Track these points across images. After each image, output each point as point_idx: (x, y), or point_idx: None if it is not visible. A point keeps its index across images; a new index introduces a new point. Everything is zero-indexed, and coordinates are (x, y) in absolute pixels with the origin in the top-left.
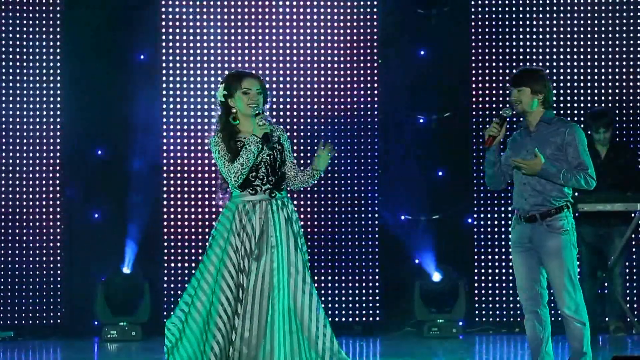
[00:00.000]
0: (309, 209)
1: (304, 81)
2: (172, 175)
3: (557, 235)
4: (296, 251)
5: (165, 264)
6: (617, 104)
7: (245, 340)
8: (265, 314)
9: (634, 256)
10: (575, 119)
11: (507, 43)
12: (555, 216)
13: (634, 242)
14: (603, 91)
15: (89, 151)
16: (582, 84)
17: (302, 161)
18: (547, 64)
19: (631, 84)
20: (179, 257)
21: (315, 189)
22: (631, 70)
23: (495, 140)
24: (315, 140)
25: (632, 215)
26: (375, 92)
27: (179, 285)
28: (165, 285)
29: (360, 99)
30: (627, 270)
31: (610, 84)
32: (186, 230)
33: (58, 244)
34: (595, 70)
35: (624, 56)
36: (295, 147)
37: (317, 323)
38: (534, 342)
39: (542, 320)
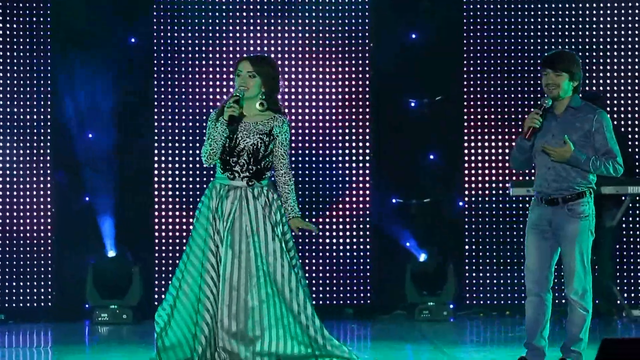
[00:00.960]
0: (299, 193)
1: (295, 65)
2: (163, 158)
3: (577, 220)
4: (274, 239)
5: (156, 247)
6: (608, 88)
7: (225, 327)
8: (244, 302)
9: (624, 239)
10: None
11: (500, 27)
12: (577, 201)
13: (624, 225)
14: (594, 74)
15: (79, 134)
16: None
17: (293, 144)
18: (539, 47)
19: (622, 67)
20: (170, 240)
21: (307, 172)
22: (622, 54)
23: (535, 130)
24: (307, 124)
25: (622, 198)
26: (367, 75)
27: (170, 268)
28: (156, 269)
29: (352, 82)
30: (617, 253)
31: (601, 67)
32: (177, 213)
33: (49, 227)
34: (587, 54)
35: (616, 40)
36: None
37: (306, 312)
38: (532, 326)
39: (544, 304)
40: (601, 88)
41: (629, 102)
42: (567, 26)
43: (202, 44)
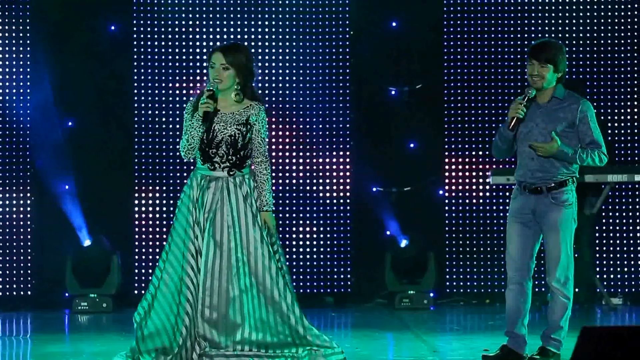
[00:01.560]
0: (280, 181)
1: (275, 53)
2: (143, 147)
3: (561, 208)
4: (254, 229)
5: (137, 236)
6: (588, 76)
7: (206, 317)
8: (225, 292)
9: (604, 227)
10: None
11: (480, 15)
12: (561, 189)
13: (603, 214)
14: (574, 63)
15: (59, 123)
16: None
17: (273, 133)
18: (519, 36)
19: (602, 55)
20: (150, 229)
21: (287, 160)
22: (602, 42)
23: (519, 121)
24: (287, 113)
25: (602, 186)
26: (347, 63)
27: (150, 257)
28: (136, 257)
29: (332, 71)
30: (597, 241)
31: (581, 56)
32: (157, 201)
33: (28, 216)
34: (567, 42)
35: (596, 28)
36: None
37: (286, 301)
38: (513, 314)
39: (525, 292)
40: (580, 77)
41: (609, 90)
42: (547, 14)
43: (182, 32)
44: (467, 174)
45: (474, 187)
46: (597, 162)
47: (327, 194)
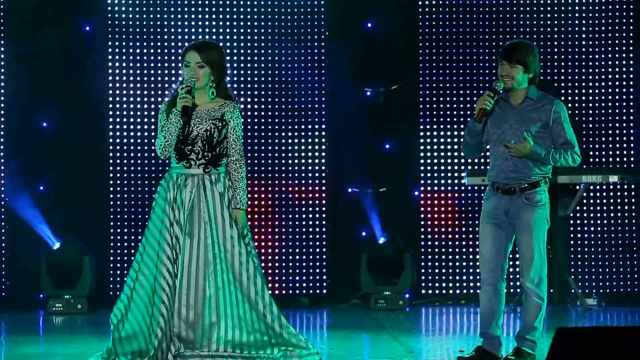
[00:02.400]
0: (255, 181)
1: (250, 54)
2: (117, 147)
3: (534, 208)
4: (231, 226)
5: (112, 237)
6: (562, 77)
7: (182, 316)
8: (201, 290)
9: (579, 228)
10: None
11: (455, 16)
12: (534, 190)
13: (578, 215)
14: (548, 64)
15: (33, 123)
16: None
17: (248, 133)
18: (494, 36)
19: (576, 56)
20: (125, 230)
21: (262, 161)
22: (576, 43)
23: (486, 113)
24: (262, 113)
25: (577, 187)
26: (323, 64)
27: (125, 258)
28: (111, 258)
29: (307, 72)
30: (572, 243)
31: (555, 57)
32: (132, 202)
33: (2, 217)
34: (542, 44)
35: (570, 29)
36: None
37: (263, 300)
38: (488, 315)
39: (499, 293)
40: (555, 77)
41: (583, 91)
42: (522, 15)
43: (156, 32)
44: (442, 174)
45: (449, 187)
46: (570, 163)
47: (303, 195)
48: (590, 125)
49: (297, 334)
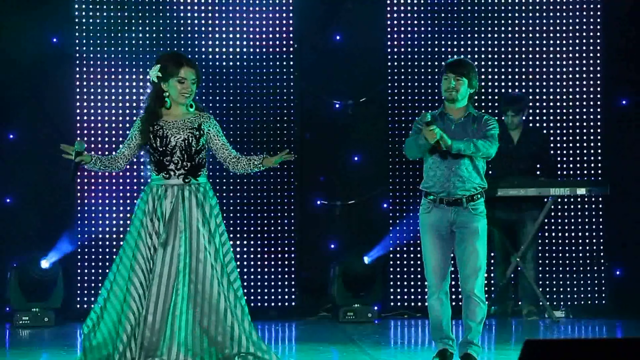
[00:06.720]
0: (224, 194)
1: (219, 66)
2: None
3: (480, 217)
4: (205, 237)
5: (79, 250)
6: (530, 90)
7: (148, 324)
8: (169, 299)
9: (547, 241)
10: (490, 104)
11: (423, 28)
12: (479, 200)
13: (546, 227)
14: (517, 77)
15: None
16: (497, 70)
17: None
18: (462, 49)
19: (546, 69)
20: (93, 243)
21: (231, 173)
22: (545, 57)
23: (442, 138)
24: (231, 126)
25: (545, 200)
26: (291, 77)
27: (93, 270)
28: (79, 271)
29: (276, 84)
30: (540, 255)
31: (525, 69)
32: (100, 215)
33: None
34: (510, 56)
35: (543, 42)
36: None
37: (235, 310)
38: (438, 323)
39: (447, 300)
40: (524, 90)
41: (551, 104)
42: (489, 28)
43: (124, 43)
44: (411, 187)
45: (418, 200)
46: (487, 147)
47: (272, 207)
48: (559, 139)
49: (268, 348)
